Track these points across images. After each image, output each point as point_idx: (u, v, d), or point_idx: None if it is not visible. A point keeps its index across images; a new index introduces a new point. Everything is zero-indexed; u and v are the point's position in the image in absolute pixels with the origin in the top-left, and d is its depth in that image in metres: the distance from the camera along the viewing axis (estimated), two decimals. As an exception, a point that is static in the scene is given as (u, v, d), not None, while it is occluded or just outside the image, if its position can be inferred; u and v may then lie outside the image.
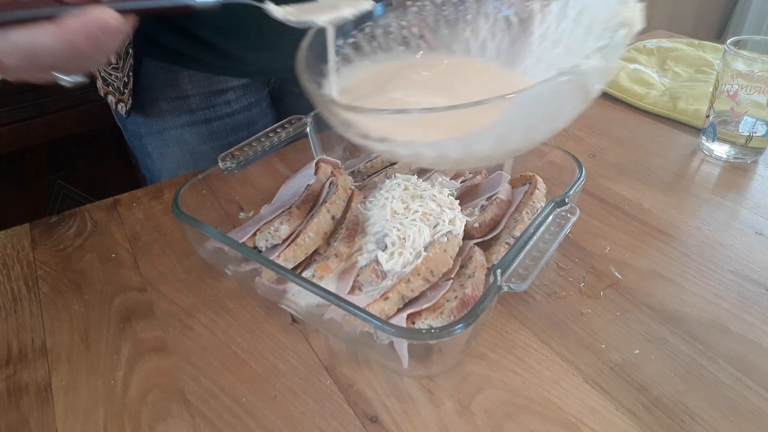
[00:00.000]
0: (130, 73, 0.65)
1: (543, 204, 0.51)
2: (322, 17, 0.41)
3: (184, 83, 0.72)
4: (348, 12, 0.43)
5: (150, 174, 0.81)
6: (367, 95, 0.44)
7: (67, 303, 0.51)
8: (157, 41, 0.67)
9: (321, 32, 0.43)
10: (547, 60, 0.44)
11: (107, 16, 0.33)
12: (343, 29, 0.46)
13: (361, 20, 0.47)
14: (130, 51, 0.63)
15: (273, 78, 0.82)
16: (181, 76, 0.71)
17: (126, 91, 0.69)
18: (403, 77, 0.46)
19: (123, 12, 0.34)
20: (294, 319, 0.48)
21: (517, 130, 0.36)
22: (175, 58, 0.70)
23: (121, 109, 0.72)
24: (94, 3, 0.33)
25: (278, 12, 0.40)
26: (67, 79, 0.37)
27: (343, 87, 0.45)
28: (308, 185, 0.54)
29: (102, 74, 0.72)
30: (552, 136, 0.39)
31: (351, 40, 0.47)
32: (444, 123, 0.34)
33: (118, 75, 0.69)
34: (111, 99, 0.73)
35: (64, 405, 0.42)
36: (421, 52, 0.50)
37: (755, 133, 0.66)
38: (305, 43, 0.42)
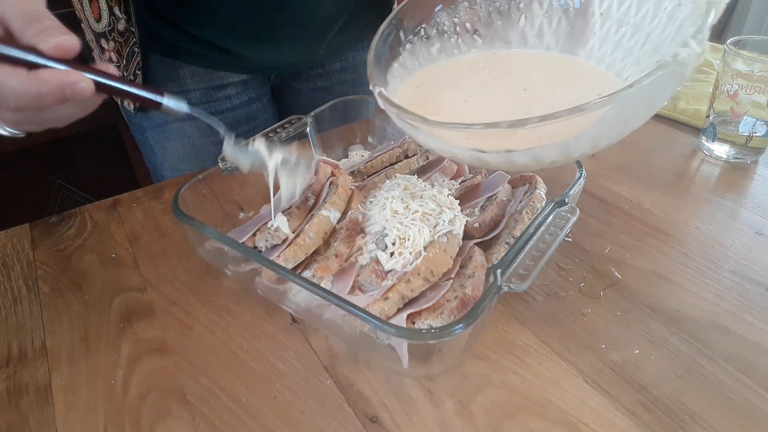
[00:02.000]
0: (137, 72, 0.66)
1: (543, 204, 0.51)
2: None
3: (185, 78, 0.73)
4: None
5: (152, 167, 0.82)
6: (435, 98, 0.44)
7: (67, 303, 0.51)
8: (159, 36, 0.67)
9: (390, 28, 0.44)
10: (613, 41, 0.43)
11: (83, 81, 0.34)
12: (398, 39, 0.46)
13: (416, 23, 0.47)
14: (136, 50, 0.63)
15: (273, 74, 0.83)
16: (182, 71, 0.73)
17: None
18: (464, 78, 0.46)
19: (97, 86, 0.35)
20: (294, 319, 0.48)
21: (616, 128, 0.35)
22: (176, 54, 0.71)
23: (128, 105, 0.73)
24: (76, 66, 0.33)
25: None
26: (8, 130, 0.37)
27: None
28: (308, 185, 0.53)
29: None
30: (643, 123, 0.38)
31: (408, 46, 0.47)
32: (537, 132, 0.33)
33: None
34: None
35: (64, 405, 0.42)
36: (475, 48, 0.48)
37: (755, 133, 0.66)
38: (374, 43, 0.42)
